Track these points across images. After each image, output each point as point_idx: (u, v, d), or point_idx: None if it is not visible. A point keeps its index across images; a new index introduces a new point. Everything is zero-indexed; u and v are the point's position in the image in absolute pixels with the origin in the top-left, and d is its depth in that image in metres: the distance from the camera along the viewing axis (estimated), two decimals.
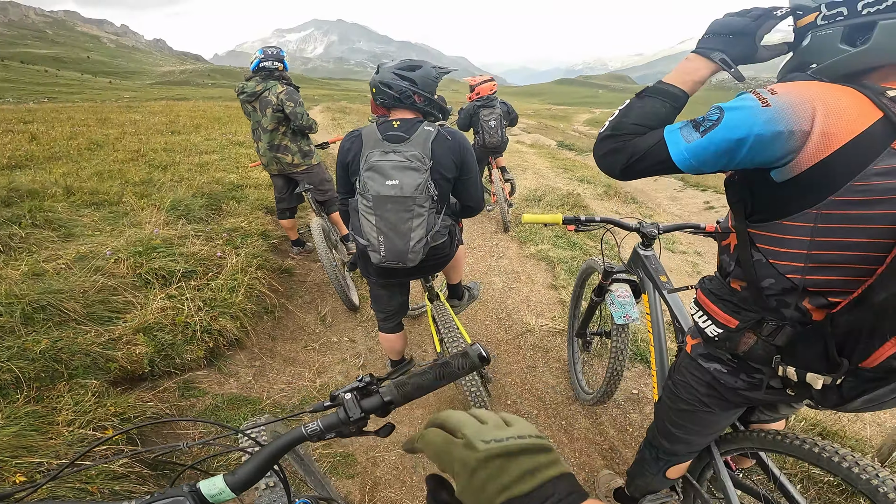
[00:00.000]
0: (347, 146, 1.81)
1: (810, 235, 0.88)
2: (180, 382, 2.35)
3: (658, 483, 1.59)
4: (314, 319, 3.31)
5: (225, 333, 2.62)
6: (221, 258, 3.17)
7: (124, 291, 2.61)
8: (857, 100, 0.81)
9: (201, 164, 5.95)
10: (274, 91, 3.33)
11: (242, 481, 0.63)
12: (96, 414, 1.83)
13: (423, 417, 2.43)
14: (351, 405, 0.71)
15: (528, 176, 8.01)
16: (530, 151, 12.17)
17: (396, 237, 1.73)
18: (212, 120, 12.13)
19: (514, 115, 5.05)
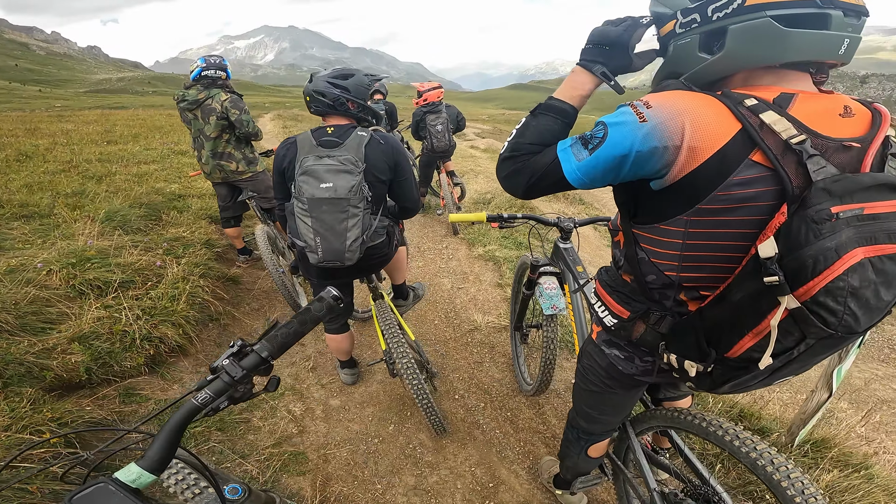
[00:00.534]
0: (283, 153, 1.89)
1: (682, 238, 0.94)
2: (121, 389, 2.34)
3: (583, 463, 1.70)
4: (262, 325, 3.33)
5: (166, 341, 2.61)
6: (161, 268, 3.14)
7: (57, 302, 2.56)
8: (719, 112, 0.85)
9: (140, 174, 5.78)
10: (217, 99, 3.34)
11: (155, 461, 0.66)
12: (33, 419, 1.82)
13: (374, 415, 2.52)
14: (231, 368, 0.76)
15: (480, 179, 8.22)
16: (483, 156, 12.44)
17: (333, 237, 1.81)
18: (152, 129, 11.69)
19: (462, 119, 5.25)
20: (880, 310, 0.80)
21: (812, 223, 0.75)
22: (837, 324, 0.76)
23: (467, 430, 2.44)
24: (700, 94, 0.87)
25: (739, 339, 0.88)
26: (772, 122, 0.81)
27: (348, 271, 2.07)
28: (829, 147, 0.82)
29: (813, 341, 0.82)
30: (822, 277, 0.74)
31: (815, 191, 0.76)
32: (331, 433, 2.40)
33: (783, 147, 0.81)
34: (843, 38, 0.83)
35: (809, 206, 0.76)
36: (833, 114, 0.86)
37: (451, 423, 2.48)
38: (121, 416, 2.19)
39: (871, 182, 0.78)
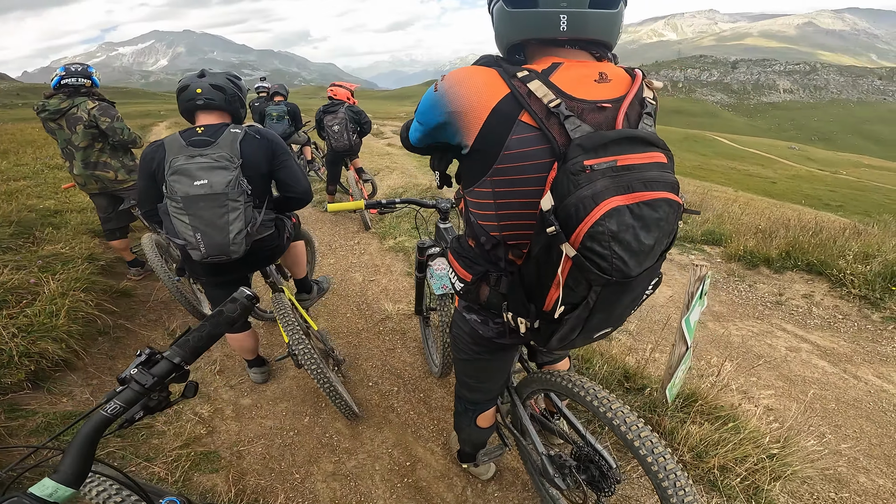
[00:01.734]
0: (150, 155, 1.86)
1: (493, 199, 1.04)
2: (3, 405, 2.23)
3: (476, 434, 1.76)
4: (161, 335, 3.24)
5: (47, 356, 2.49)
6: (36, 285, 2.96)
7: None
8: (490, 80, 0.96)
9: (9, 191, 5.27)
10: (84, 107, 3.19)
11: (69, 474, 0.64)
12: None
13: (288, 410, 2.56)
14: (140, 376, 0.75)
15: (395, 175, 8.36)
16: (399, 153, 12.56)
17: (214, 232, 1.81)
18: (23, 143, 10.55)
19: (367, 122, 5.21)
20: (645, 253, 0.88)
21: (571, 175, 0.85)
22: (609, 268, 0.85)
23: (382, 414, 2.54)
24: (480, 67, 1.01)
25: (548, 293, 0.97)
26: (535, 90, 0.92)
27: (236, 266, 2.07)
28: (584, 108, 0.93)
29: (599, 288, 0.90)
30: (585, 224, 0.83)
31: (572, 147, 0.87)
32: (243, 431, 2.41)
33: (546, 111, 0.92)
34: (559, 14, 0.94)
35: (568, 161, 0.86)
36: (589, 80, 0.97)
37: (366, 409, 2.56)
38: (8, 430, 2.09)
39: (618, 136, 0.88)
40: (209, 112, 1.95)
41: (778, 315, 3.93)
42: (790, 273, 4.46)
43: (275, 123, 5.90)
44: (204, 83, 1.92)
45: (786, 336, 3.61)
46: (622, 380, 2.59)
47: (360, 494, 2.08)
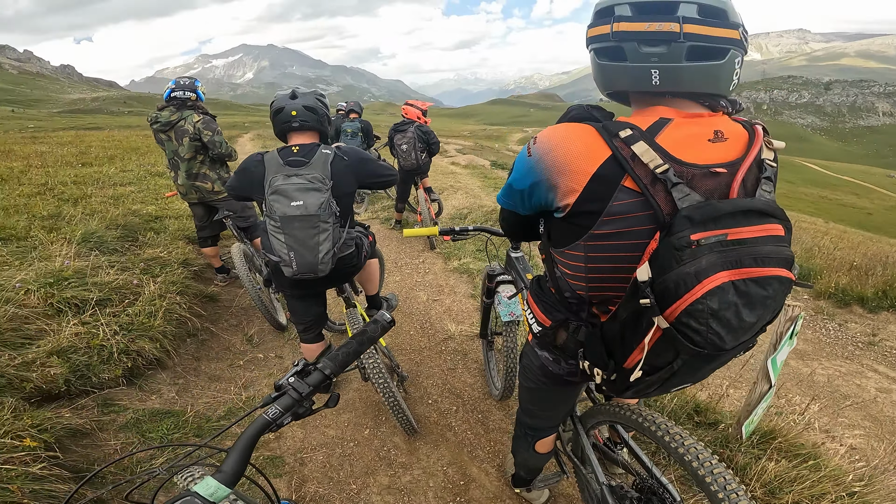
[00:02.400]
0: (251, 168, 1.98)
1: (585, 262, 1.01)
2: (99, 399, 2.43)
3: (532, 459, 1.77)
4: (240, 340, 3.45)
5: (144, 354, 2.72)
6: (138, 286, 3.25)
7: (36, 320, 2.65)
8: (590, 142, 0.91)
9: (116, 196, 5.86)
10: (190, 120, 3.44)
11: (230, 475, 0.69)
12: (13, 426, 1.91)
13: (350, 421, 2.65)
14: (298, 384, 0.81)
15: (459, 196, 8.45)
16: (464, 172, 12.72)
17: (306, 251, 1.92)
18: (128, 150, 11.72)
19: (435, 143, 5.31)
20: (745, 329, 0.84)
21: (674, 250, 0.80)
22: (703, 342, 0.81)
23: (440, 432, 2.57)
24: (577, 126, 0.95)
25: (630, 353, 0.96)
26: (640, 153, 0.86)
27: (320, 282, 2.18)
28: (694, 174, 0.86)
29: (686, 357, 0.87)
30: (683, 301, 0.80)
31: (678, 218, 0.81)
32: (307, 438, 2.52)
33: (651, 176, 0.86)
34: (649, 69, 0.88)
35: (673, 234, 0.80)
36: (702, 139, 0.90)
37: (424, 426, 2.60)
38: (99, 424, 2.29)
39: (732, 208, 0.81)
40: (302, 133, 2.07)
41: (869, 356, 3.70)
42: (886, 313, 4.19)
43: (349, 140, 6.18)
44: (298, 105, 2.01)
45: (877, 377, 3.39)
46: (692, 413, 2.52)
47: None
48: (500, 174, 13.54)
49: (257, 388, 2.91)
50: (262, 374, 3.06)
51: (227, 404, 2.72)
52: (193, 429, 2.44)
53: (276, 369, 3.12)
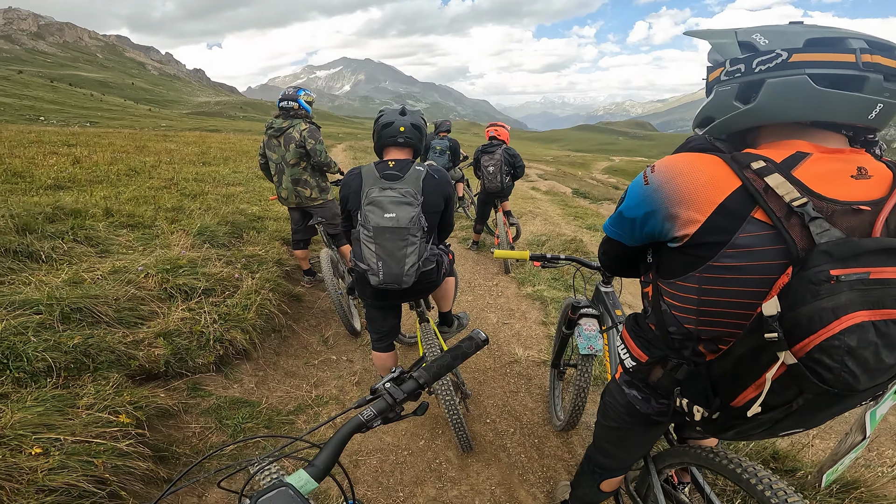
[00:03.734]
0: (348, 182, 2.10)
1: (697, 294, 0.96)
2: (189, 383, 2.65)
3: (593, 496, 1.72)
4: (317, 340, 3.62)
5: (235, 344, 2.93)
6: (238, 280, 3.53)
7: (151, 302, 2.96)
8: (717, 171, 0.89)
9: (227, 195, 6.44)
10: (298, 128, 3.65)
11: (320, 470, 0.71)
12: (113, 401, 2.11)
13: (407, 430, 2.68)
14: (394, 390, 0.83)
15: (538, 222, 8.33)
16: (544, 198, 12.55)
17: (393, 263, 1.99)
18: (240, 153, 12.89)
19: (520, 166, 5.29)
20: (882, 371, 0.78)
21: (811, 284, 0.76)
22: (834, 381, 0.76)
23: (493, 451, 2.54)
24: (702, 156, 0.92)
25: (742, 391, 0.91)
26: (775, 185, 0.83)
27: (401, 294, 2.24)
28: (835, 210, 0.82)
29: (811, 396, 0.82)
30: (817, 336, 0.75)
31: (816, 253, 0.77)
32: (365, 442, 2.57)
33: (786, 209, 0.82)
34: (877, 102, 0.83)
35: (809, 268, 0.77)
36: (844, 176, 0.85)
37: (479, 444, 2.58)
38: (185, 407, 2.48)
39: (875, 246, 0.77)
40: (401, 149, 2.14)
41: None
42: None
43: (437, 156, 6.28)
44: (407, 122, 2.07)
45: None
46: (768, 459, 2.33)
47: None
48: (581, 203, 13.21)
49: (326, 388, 3.02)
50: (332, 376, 3.18)
51: (297, 400, 2.85)
52: (265, 420, 2.57)
53: (345, 372, 3.22)
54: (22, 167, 6.75)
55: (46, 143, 10.81)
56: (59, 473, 1.68)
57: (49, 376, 2.18)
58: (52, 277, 3.00)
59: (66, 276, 3.03)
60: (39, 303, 2.58)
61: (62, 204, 4.62)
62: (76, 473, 1.70)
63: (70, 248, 3.65)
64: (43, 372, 2.19)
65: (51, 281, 2.90)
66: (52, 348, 2.28)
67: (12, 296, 2.60)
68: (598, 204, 13.95)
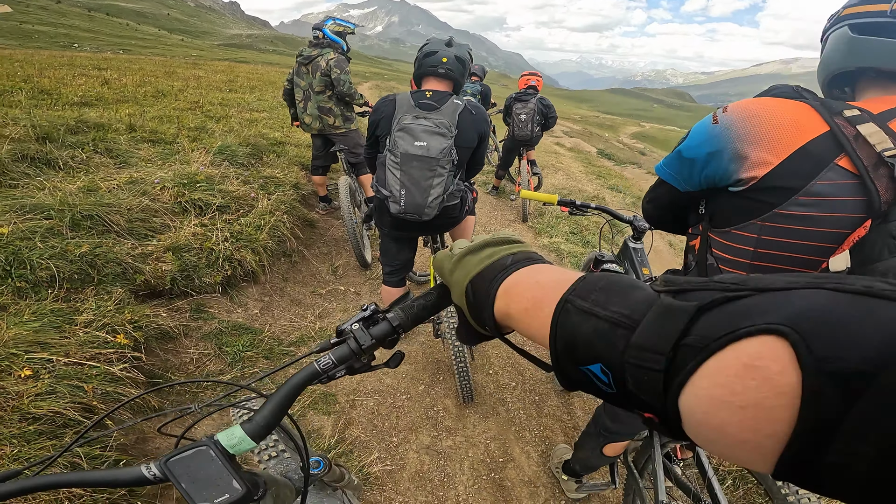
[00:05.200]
0: (380, 107, 1.97)
1: (754, 246, 0.92)
2: (193, 303, 2.55)
3: (596, 459, 1.70)
4: (326, 269, 3.52)
5: (244, 264, 2.82)
6: (254, 199, 3.41)
7: (164, 215, 2.86)
8: (800, 115, 0.83)
9: (251, 119, 6.25)
10: (326, 57, 3.56)
11: (260, 427, 0.58)
12: (113, 319, 2.00)
13: (408, 373, 2.60)
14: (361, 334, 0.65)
15: (559, 176, 8.01)
16: (567, 154, 12.08)
17: (417, 192, 1.90)
18: (267, 83, 12.55)
19: (553, 116, 5.07)
20: None
21: (890, 238, 0.72)
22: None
23: (492, 405, 2.45)
24: (784, 100, 0.87)
25: None
26: (868, 134, 0.78)
27: (420, 226, 2.15)
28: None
29: None
30: None
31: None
32: (364, 381, 2.49)
33: (876, 159, 0.77)
34: None
35: (891, 220, 0.73)
36: None
37: (479, 396, 2.49)
38: (186, 329, 2.39)
39: None
40: (441, 80, 1.99)
41: None
42: None
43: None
44: (450, 53, 1.94)
45: None
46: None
47: (444, 474, 2.04)
48: (604, 163, 12.67)
49: (330, 320, 2.93)
50: (338, 308, 3.09)
51: (300, 331, 2.76)
52: (265, 350, 2.49)
53: (351, 305, 3.13)
54: (50, 86, 6.62)
55: (77, 66, 10.62)
56: (46, 400, 1.57)
57: (51, 287, 2.08)
58: (68, 184, 2.90)
59: (81, 183, 2.93)
60: (51, 208, 2.48)
61: (86, 118, 4.49)
62: (64, 400, 1.60)
63: (89, 158, 3.55)
64: (45, 282, 2.09)
65: (65, 187, 2.80)
66: (57, 256, 2.17)
67: (24, 199, 2.49)
68: (623, 166, 13.37)
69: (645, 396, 0.31)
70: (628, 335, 0.32)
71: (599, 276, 0.39)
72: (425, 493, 1.96)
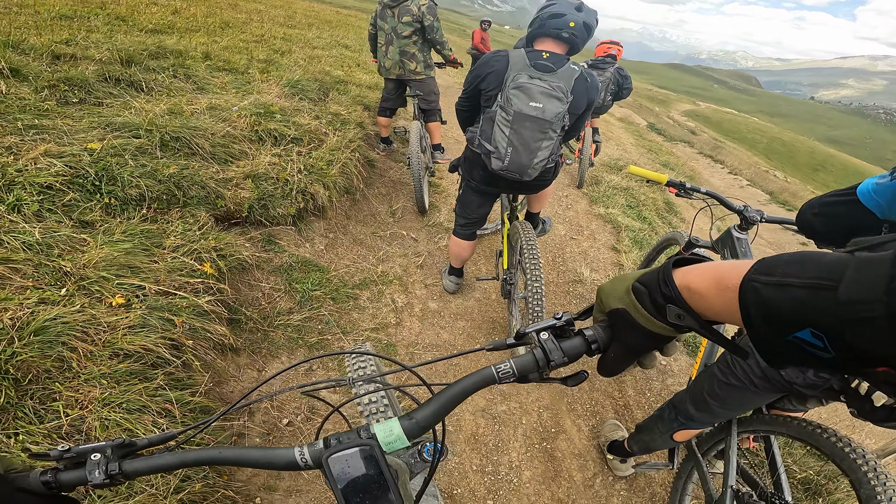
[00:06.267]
0: (490, 62, 1.86)
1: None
2: (265, 234, 2.59)
3: (661, 442, 1.67)
4: (385, 211, 3.54)
5: (316, 198, 2.85)
6: (325, 134, 3.41)
7: (242, 142, 2.88)
8: None
9: (313, 56, 6.16)
10: (416, 2, 3.44)
11: (420, 427, 0.53)
12: (199, 245, 2.01)
13: (464, 330, 2.60)
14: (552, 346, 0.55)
15: (611, 146, 7.73)
16: (618, 125, 11.53)
17: (525, 152, 1.86)
18: (323, 21, 12.29)
19: (628, 87, 4.76)
20: None
21: None
22: None
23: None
24: None
25: None
26: None
27: (513, 185, 2.11)
28: None
29: None
30: None
31: None
32: (422, 333, 2.51)
33: None
34: None
35: None
36: None
37: None
38: (258, 260, 2.41)
39: None
40: (561, 43, 1.88)
41: None
42: None
43: None
44: (579, 19, 1.82)
45: None
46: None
47: (498, 439, 2.05)
48: (655, 138, 12.07)
49: (391, 265, 2.95)
50: (398, 252, 3.11)
51: (363, 273, 2.79)
52: (332, 291, 2.52)
53: (410, 251, 3.15)
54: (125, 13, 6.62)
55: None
56: (137, 333, 1.46)
57: (139, 206, 2.08)
58: (153, 106, 2.93)
59: (164, 106, 2.97)
60: (140, 127, 2.50)
61: (165, 45, 4.50)
62: (155, 335, 1.49)
63: (171, 83, 3.56)
64: (134, 200, 2.08)
65: (151, 109, 2.84)
66: (147, 175, 2.17)
67: (113, 117, 2.52)
68: (673, 143, 12.70)
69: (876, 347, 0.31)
70: (833, 296, 0.32)
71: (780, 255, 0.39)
72: (479, 456, 1.97)
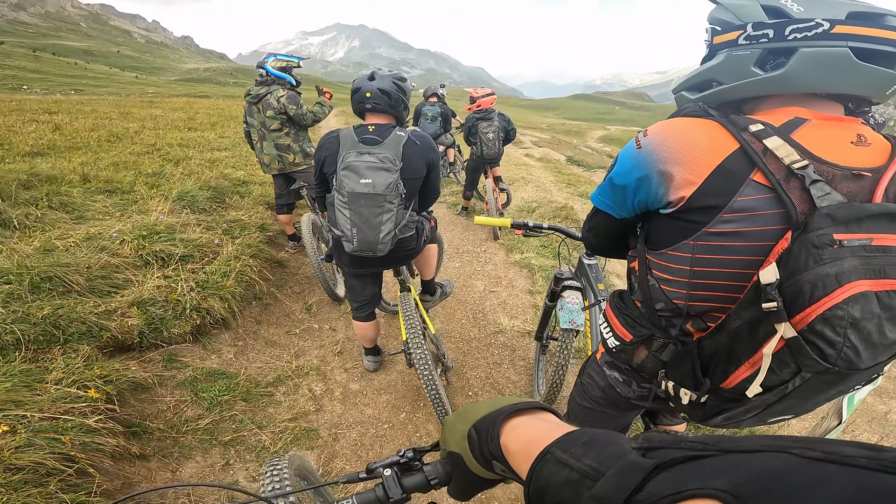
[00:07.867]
0: (325, 145, 2.02)
1: (689, 265, 0.92)
2: (165, 354, 2.54)
3: None
4: (300, 308, 3.54)
5: (213, 312, 2.82)
6: (218, 245, 3.41)
7: (126, 269, 2.84)
8: (713, 134, 0.85)
9: (212, 160, 6.23)
10: (275, 95, 3.57)
11: None
12: (83, 375, 2.03)
13: (389, 402, 2.63)
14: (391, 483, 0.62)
15: (529, 188, 8.19)
16: (537, 165, 12.35)
17: (368, 229, 1.93)
18: (228, 118, 12.50)
19: (513, 130, 5.29)
20: (885, 347, 0.74)
21: (813, 248, 0.72)
22: (836, 357, 0.72)
23: None
24: (698, 119, 0.89)
25: (735, 370, 0.85)
26: (774, 148, 0.80)
27: (378, 262, 2.19)
28: (836, 174, 0.80)
29: (809, 375, 0.77)
30: (820, 304, 0.71)
31: (818, 216, 0.74)
32: (345, 414, 2.52)
33: (786, 172, 0.80)
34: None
35: (811, 231, 0.73)
36: (844, 142, 0.83)
37: None
38: (160, 379, 2.39)
39: (880, 211, 0.74)
40: (377, 114, 2.07)
41: None
42: None
43: (428, 123, 6.11)
44: (374, 87, 2.00)
45: None
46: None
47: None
48: (574, 171, 13.02)
49: (307, 358, 2.95)
50: (314, 345, 3.11)
51: (277, 371, 2.78)
52: (242, 392, 2.50)
53: (327, 341, 3.16)
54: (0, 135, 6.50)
55: (27, 111, 10.39)
56: (25, 452, 1.64)
57: (18, 349, 2.10)
58: (24, 245, 2.87)
59: (37, 243, 2.91)
60: (9, 272, 2.47)
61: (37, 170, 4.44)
62: (43, 451, 1.67)
63: (44, 215, 3.52)
64: (12, 345, 2.11)
65: (21, 249, 2.78)
66: (20, 320, 2.19)
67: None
68: (592, 172, 13.78)
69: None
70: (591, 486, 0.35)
71: (583, 431, 0.44)
72: None
